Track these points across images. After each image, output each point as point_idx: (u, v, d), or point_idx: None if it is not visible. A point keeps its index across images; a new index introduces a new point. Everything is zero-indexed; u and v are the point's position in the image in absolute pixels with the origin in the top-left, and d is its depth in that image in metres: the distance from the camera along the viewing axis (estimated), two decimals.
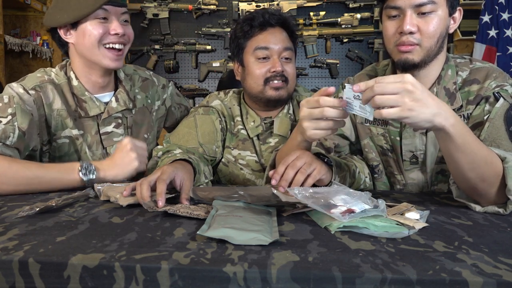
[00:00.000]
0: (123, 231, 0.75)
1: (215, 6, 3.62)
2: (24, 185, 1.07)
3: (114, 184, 1.06)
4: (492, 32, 3.34)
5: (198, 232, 0.70)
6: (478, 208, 0.93)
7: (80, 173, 1.10)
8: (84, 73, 1.28)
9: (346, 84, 0.91)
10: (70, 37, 1.24)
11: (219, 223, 0.74)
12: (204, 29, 3.66)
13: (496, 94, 1.07)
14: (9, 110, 1.14)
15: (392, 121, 1.16)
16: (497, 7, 3.32)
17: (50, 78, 1.26)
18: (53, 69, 1.29)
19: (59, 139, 1.26)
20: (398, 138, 1.18)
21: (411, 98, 0.81)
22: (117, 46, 1.23)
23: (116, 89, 1.35)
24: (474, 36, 3.43)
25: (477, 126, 1.07)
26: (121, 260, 0.61)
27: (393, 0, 1.05)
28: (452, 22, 1.10)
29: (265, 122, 1.44)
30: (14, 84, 1.21)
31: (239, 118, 1.44)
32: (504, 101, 1.05)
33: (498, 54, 3.33)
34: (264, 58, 1.37)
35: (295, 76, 1.42)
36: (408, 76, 0.82)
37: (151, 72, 1.50)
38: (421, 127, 0.87)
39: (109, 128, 1.31)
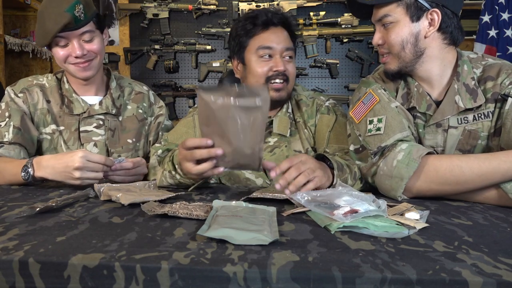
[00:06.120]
0: (123, 231, 0.75)
1: (215, 6, 3.61)
2: None
3: (114, 185, 1.06)
4: (492, 32, 3.34)
5: (198, 232, 0.70)
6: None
7: (22, 172, 1.17)
8: (71, 78, 1.45)
9: None
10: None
11: (219, 223, 0.74)
12: (204, 29, 3.65)
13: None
14: (6, 114, 1.36)
15: (421, 114, 1.18)
16: (497, 7, 3.32)
17: (39, 83, 1.44)
18: (49, 75, 1.48)
19: (41, 135, 1.42)
20: (422, 131, 1.20)
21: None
22: (81, 65, 1.35)
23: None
24: (474, 36, 3.43)
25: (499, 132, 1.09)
26: (121, 260, 0.61)
27: (373, 16, 1.18)
28: (426, 25, 1.10)
29: None
30: (9, 89, 1.41)
31: None
32: None
33: (498, 54, 3.32)
34: (266, 56, 1.38)
35: (295, 75, 1.44)
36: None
37: (152, 92, 1.61)
38: None
39: (89, 128, 1.43)
